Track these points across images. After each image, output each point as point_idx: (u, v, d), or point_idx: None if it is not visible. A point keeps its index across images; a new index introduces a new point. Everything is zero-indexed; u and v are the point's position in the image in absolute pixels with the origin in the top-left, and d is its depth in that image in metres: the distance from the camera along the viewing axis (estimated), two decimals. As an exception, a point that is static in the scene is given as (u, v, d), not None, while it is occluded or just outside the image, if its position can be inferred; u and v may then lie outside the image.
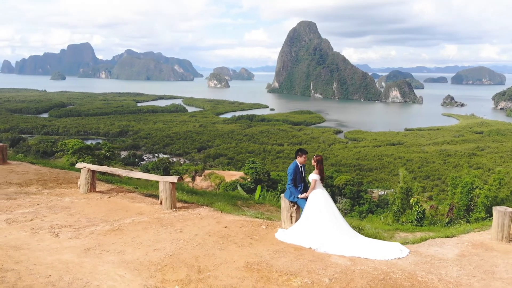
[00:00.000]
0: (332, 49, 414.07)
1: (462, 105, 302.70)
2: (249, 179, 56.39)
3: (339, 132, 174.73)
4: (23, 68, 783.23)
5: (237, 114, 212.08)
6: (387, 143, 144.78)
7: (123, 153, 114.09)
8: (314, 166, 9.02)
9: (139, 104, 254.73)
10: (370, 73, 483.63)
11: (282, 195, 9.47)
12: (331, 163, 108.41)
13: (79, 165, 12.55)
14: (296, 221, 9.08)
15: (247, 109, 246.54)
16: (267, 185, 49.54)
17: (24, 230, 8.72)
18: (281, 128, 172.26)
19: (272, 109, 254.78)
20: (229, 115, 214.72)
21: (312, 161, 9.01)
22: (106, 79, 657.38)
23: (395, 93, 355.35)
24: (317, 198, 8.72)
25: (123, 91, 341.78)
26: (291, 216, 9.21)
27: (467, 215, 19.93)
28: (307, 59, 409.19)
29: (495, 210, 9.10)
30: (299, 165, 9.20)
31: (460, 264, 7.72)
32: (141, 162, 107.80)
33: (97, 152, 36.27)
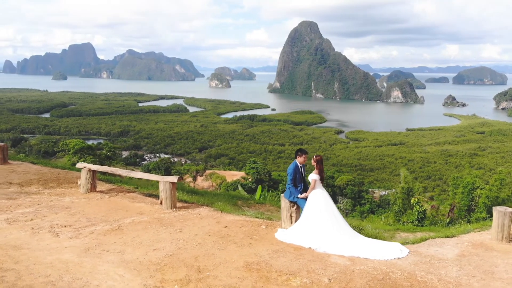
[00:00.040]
0: (334, 49, 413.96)
1: (463, 105, 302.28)
2: (250, 179, 56.40)
3: (340, 132, 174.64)
4: (25, 68, 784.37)
5: (239, 114, 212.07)
6: (388, 143, 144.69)
7: (125, 153, 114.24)
8: (314, 166, 9.02)
9: (140, 104, 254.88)
10: (371, 73, 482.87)
11: (282, 195, 9.47)
12: (332, 163, 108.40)
13: (79, 165, 12.58)
14: (296, 221, 9.08)
15: (249, 109, 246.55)
16: (268, 185, 49.55)
17: (24, 229, 8.74)
18: (282, 128, 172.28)
19: (273, 109, 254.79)
20: (230, 115, 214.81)
21: (312, 161, 9.01)
22: (108, 79, 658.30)
23: (396, 93, 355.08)
24: (317, 198, 8.72)
25: (124, 91, 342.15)
26: (290, 216, 9.21)
27: (468, 215, 19.92)
28: (308, 59, 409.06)
29: (495, 210, 9.09)
30: (299, 165, 9.20)
31: (460, 264, 7.71)
32: (142, 162, 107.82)
33: (99, 152, 36.37)
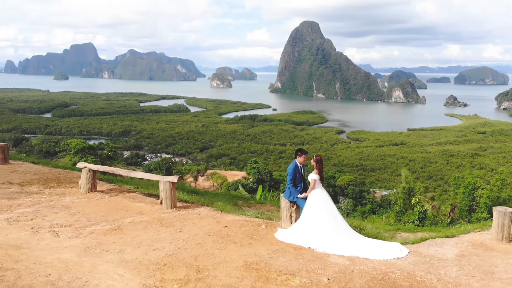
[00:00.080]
0: (335, 49, 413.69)
1: (465, 105, 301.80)
2: (251, 179, 56.40)
3: (341, 132, 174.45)
4: (26, 68, 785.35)
5: (240, 114, 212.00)
6: (389, 143, 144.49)
7: (126, 153, 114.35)
8: (314, 166, 9.03)
9: (141, 104, 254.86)
10: (372, 73, 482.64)
11: (282, 195, 9.48)
12: (333, 163, 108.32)
13: (80, 164, 12.60)
14: (295, 221, 9.09)
15: (250, 109, 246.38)
16: (270, 185, 49.56)
17: (25, 229, 8.75)
18: (283, 128, 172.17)
19: (274, 109, 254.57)
20: (231, 115, 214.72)
21: (312, 161, 9.02)
22: (109, 79, 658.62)
23: (397, 93, 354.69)
24: (316, 198, 8.72)
25: (125, 91, 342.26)
26: (290, 216, 9.22)
27: (469, 215, 19.90)
28: (309, 59, 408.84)
29: (495, 210, 9.08)
30: (299, 165, 9.21)
31: (460, 264, 7.70)
32: (143, 162, 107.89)
33: (100, 152, 36.37)
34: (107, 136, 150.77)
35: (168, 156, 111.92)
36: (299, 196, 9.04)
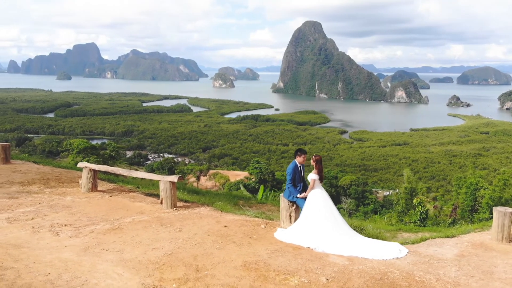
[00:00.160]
0: (337, 49, 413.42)
1: (468, 105, 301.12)
2: (253, 179, 56.42)
3: (344, 132, 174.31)
4: (29, 68, 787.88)
5: (242, 114, 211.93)
6: (392, 143, 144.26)
7: (129, 153, 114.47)
8: (313, 166, 9.03)
9: (144, 104, 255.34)
10: (375, 73, 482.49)
11: (281, 195, 9.50)
12: (336, 163, 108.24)
13: (80, 164, 12.64)
14: (295, 220, 9.09)
15: (252, 109, 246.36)
16: (272, 185, 49.60)
17: (25, 228, 8.79)
18: (286, 128, 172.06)
19: (277, 109, 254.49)
20: (234, 115, 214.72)
21: (311, 161, 9.02)
22: (112, 79, 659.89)
23: (400, 93, 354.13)
24: (316, 198, 8.72)
25: (128, 91, 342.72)
26: (290, 216, 9.22)
27: (471, 215, 19.87)
28: (312, 59, 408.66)
29: (495, 210, 9.07)
30: (298, 165, 9.22)
31: (459, 264, 7.69)
32: (146, 162, 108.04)
33: (102, 152, 36.49)
34: (109, 136, 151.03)
35: (170, 156, 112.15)
36: (298, 196, 9.05)
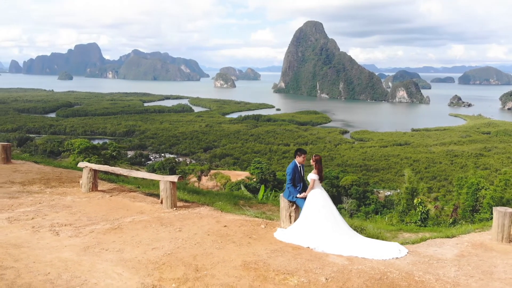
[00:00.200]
0: (339, 49, 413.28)
1: (469, 105, 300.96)
2: (254, 179, 56.45)
3: (345, 132, 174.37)
4: (31, 68, 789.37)
5: (243, 114, 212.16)
6: (393, 143, 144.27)
7: (130, 153, 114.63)
8: (313, 166, 9.02)
9: (145, 104, 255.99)
10: (376, 73, 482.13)
11: (281, 195, 9.49)
12: (337, 163, 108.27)
13: (81, 164, 12.64)
14: (295, 220, 9.09)
15: (253, 109, 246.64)
16: (273, 185, 49.61)
17: (25, 228, 8.79)
18: (287, 128, 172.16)
19: (278, 109, 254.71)
20: (235, 115, 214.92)
21: (311, 160, 9.01)
22: (113, 79, 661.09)
23: (402, 93, 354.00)
24: (315, 198, 8.72)
25: (130, 91, 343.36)
26: (290, 216, 9.22)
27: (472, 216, 19.83)
28: (313, 59, 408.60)
29: (495, 210, 9.05)
30: (298, 165, 9.22)
31: (459, 264, 7.68)
32: (147, 162, 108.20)
33: (104, 151, 36.50)
34: (111, 136, 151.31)
35: (171, 156, 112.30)
36: (298, 196, 9.04)
